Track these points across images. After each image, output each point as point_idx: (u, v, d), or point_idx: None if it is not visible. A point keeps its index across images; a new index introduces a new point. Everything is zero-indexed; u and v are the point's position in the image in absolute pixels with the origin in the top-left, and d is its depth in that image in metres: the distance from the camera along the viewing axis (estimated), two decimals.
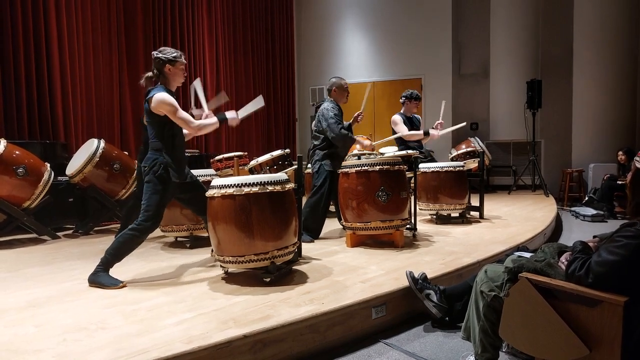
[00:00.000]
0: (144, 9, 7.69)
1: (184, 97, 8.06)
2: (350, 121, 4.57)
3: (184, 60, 3.19)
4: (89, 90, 6.89)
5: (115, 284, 2.98)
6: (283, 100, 10.63)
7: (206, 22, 8.84)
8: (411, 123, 5.65)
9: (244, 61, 9.65)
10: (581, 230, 5.93)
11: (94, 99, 6.96)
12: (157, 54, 3.13)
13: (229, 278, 3.14)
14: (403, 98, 5.68)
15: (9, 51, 5.91)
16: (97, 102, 7.01)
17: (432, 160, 5.73)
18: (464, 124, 6.05)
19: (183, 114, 3.05)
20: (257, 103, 3.44)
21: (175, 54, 3.12)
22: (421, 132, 5.52)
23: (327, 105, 4.50)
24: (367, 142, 4.70)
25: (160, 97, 2.99)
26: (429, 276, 2.91)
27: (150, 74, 3.16)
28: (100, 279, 3.00)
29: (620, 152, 7.28)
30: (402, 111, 5.68)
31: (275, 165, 4.77)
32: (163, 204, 3.12)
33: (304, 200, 4.12)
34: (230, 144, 9.13)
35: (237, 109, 3.37)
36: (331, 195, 4.54)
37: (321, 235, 4.65)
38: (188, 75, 8.46)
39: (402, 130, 5.49)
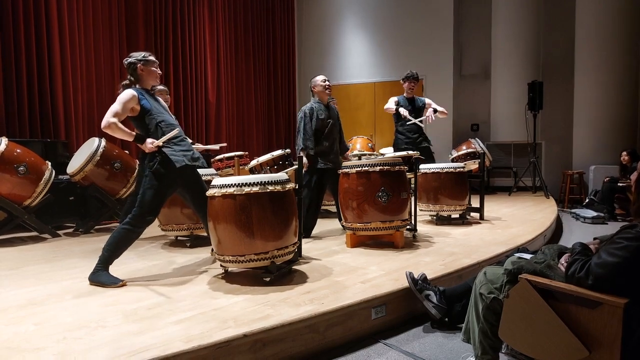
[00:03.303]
0: (145, 8, 7.70)
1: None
2: None
3: (154, 59, 3.27)
4: (90, 89, 6.90)
5: (115, 282, 2.98)
6: (284, 100, 10.63)
7: (207, 21, 8.84)
8: (411, 103, 5.74)
9: (245, 60, 9.65)
10: (581, 232, 5.93)
11: (95, 97, 6.96)
12: (127, 60, 3.23)
13: (229, 277, 3.14)
14: (401, 80, 5.81)
15: (10, 50, 5.91)
16: (98, 101, 7.02)
17: (428, 149, 5.74)
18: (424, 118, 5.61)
19: (113, 107, 3.03)
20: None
21: (143, 54, 3.23)
22: (393, 108, 5.64)
23: (303, 110, 4.55)
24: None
25: (123, 92, 3.11)
26: (428, 277, 2.91)
27: (126, 81, 3.23)
28: (101, 277, 3.01)
29: (624, 153, 7.26)
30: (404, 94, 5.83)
31: (275, 165, 4.76)
32: (158, 200, 3.12)
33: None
34: (230, 143, 9.14)
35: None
36: (321, 192, 4.61)
37: (322, 235, 4.66)
38: (191, 75, 8.49)
39: (387, 105, 5.72)
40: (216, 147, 5.58)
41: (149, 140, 3.10)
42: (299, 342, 2.36)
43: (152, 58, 3.26)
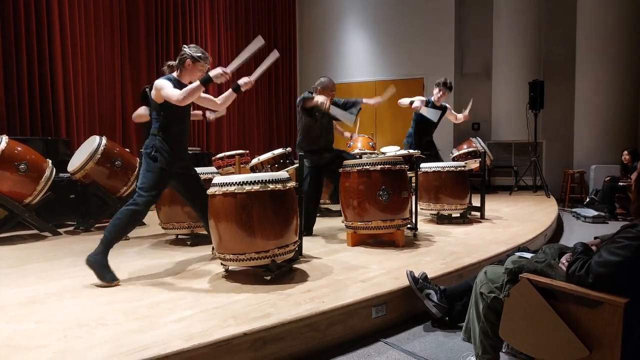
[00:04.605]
0: (146, 5, 7.69)
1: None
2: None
3: (207, 63, 3.25)
4: (91, 87, 6.90)
5: (112, 280, 2.96)
6: (285, 98, 10.63)
7: (208, 19, 8.83)
8: (436, 108, 5.71)
9: None
10: (582, 231, 5.93)
11: (96, 95, 6.97)
12: (185, 47, 3.25)
13: (230, 276, 3.14)
14: (436, 86, 5.73)
15: (12, 47, 5.91)
16: (99, 98, 7.02)
17: (436, 154, 5.77)
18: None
19: (168, 90, 3.04)
20: (257, 44, 3.19)
21: (200, 54, 3.22)
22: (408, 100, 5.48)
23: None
24: (321, 99, 4.10)
25: (157, 83, 3.11)
26: (429, 276, 2.91)
27: (172, 62, 3.32)
28: (100, 268, 2.97)
29: (625, 152, 7.26)
30: (432, 98, 5.73)
31: (276, 163, 4.76)
32: (158, 183, 3.13)
33: None
34: (231, 142, 9.14)
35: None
36: (317, 190, 4.60)
37: (322, 233, 4.66)
38: None
39: (405, 100, 5.55)
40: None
41: (214, 73, 2.98)
42: (300, 341, 2.36)
43: (203, 61, 3.21)
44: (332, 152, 4.58)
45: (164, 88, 3.06)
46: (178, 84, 3.17)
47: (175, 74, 3.25)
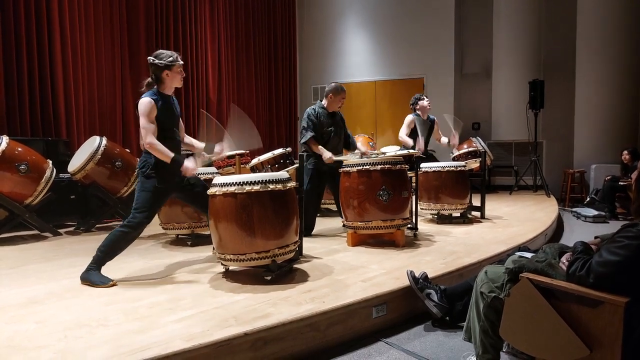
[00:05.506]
0: (147, 6, 7.69)
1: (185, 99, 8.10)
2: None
3: (180, 62, 3.16)
4: (92, 87, 6.90)
5: (105, 282, 2.96)
6: (285, 98, 10.62)
7: (208, 19, 8.83)
8: (425, 124, 5.78)
9: (245, 59, 9.64)
10: (582, 231, 5.92)
11: (96, 96, 6.96)
12: (153, 60, 3.10)
13: (230, 276, 3.14)
14: (411, 106, 5.81)
15: (12, 48, 5.91)
16: (100, 99, 7.02)
17: (433, 159, 5.78)
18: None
19: (146, 125, 2.98)
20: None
21: (171, 58, 3.10)
22: (410, 148, 5.44)
23: (307, 112, 4.59)
24: (327, 155, 4.39)
25: (141, 102, 3.02)
26: (429, 276, 2.91)
27: (149, 79, 3.16)
28: (91, 277, 2.99)
29: (625, 152, 7.26)
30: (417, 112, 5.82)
31: (276, 163, 4.77)
32: (154, 203, 3.11)
33: None
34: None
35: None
36: (320, 192, 4.64)
37: (322, 234, 4.66)
38: (192, 73, 8.47)
39: (402, 132, 5.69)
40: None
41: (190, 165, 3.07)
42: (300, 341, 2.36)
43: (179, 61, 3.13)
44: (337, 161, 4.54)
45: (141, 117, 2.99)
46: (161, 98, 3.09)
47: (156, 88, 3.13)
